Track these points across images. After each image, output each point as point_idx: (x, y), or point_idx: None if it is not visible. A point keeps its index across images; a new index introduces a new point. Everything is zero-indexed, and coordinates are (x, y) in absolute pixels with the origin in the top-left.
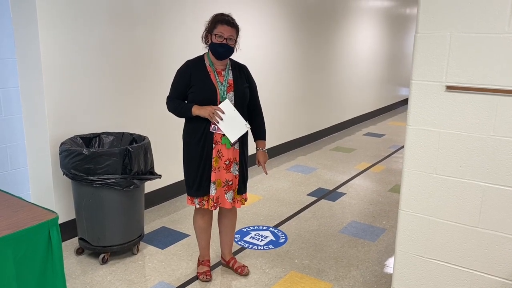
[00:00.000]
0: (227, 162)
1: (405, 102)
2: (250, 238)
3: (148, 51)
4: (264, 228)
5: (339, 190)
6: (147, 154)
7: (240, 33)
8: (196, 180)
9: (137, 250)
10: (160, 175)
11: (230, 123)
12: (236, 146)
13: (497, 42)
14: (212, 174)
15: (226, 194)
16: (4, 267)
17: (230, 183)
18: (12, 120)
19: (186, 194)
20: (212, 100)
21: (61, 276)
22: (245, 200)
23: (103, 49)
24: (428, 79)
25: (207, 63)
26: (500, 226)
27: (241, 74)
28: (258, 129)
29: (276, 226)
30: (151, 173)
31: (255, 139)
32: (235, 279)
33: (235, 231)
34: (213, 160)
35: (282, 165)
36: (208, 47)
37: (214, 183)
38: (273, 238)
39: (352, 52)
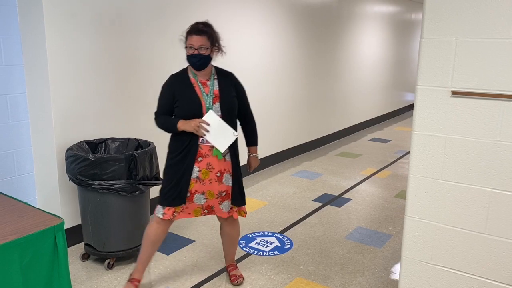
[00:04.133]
0: (218, 174)
1: (410, 107)
2: (255, 244)
3: (154, 57)
4: (269, 234)
5: (345, 195)
6: (152, 159)
7: (223, 37)
8: (171, 190)
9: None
10: None
11: (217, 133)
12: (227, 158)
13: (503, 47)
14: (198, 185)
15: (221, 204)
16: (11, 272)
17: (224, 193)
18: (19, 125)
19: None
20: (198, 113)
21: (67, 282)
22: (245, 212)
23: (109, 56)
24: (433, 85)
25: (190, 75)
26: (507, 233)
27: (228, 83)
28: (251, 136)
29: (281, 232)
30: (156, 179)
31: (248, 145)
32: (241, 286)
33: (240, 237)
34: (200, 172)
35: (287, 171)
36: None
37: (203, 193)
38: (279, 244)
39: (357, 57)
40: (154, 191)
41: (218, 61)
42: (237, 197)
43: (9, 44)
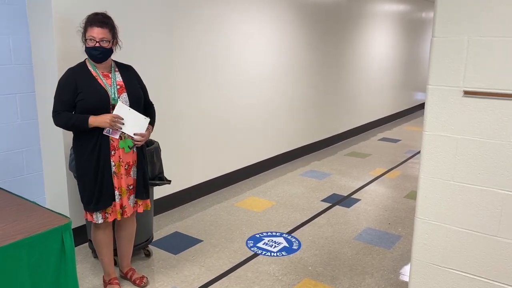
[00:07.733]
0: (126, 167)
1: (421, 107)
2: (263, 244)
3: (158, 57)
4: (277, 234)
5: (354, 196)
6: (154, 158)
7: (121, 31)
8: (95, 193)
9: (148, 253)
10: (170, 181)
11: (131, 123)
12: (134, 149)
13: None
14: (115, 180)
15: (128, 200)
16: (18, 271)
17: (131, 187)
18: (28, 125)
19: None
20: (104, 104)
21: (73, 280)
22: (148, 206)
23: (117, 55)
24: (445, 84)
25: (90, 68)
26: None
27: (130, 75)
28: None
29: (289, 233)
30: (159, 178)
31: None
32: (249, 286)
33: (248, 237)
34: (115, 167)
35: (296, 170)
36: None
37: (118, 189)
38: (287, 245)
39: (367, 56)
40: (158, 191)
41: (230, 61)
42: (142, 191)
43: (18, 43)
